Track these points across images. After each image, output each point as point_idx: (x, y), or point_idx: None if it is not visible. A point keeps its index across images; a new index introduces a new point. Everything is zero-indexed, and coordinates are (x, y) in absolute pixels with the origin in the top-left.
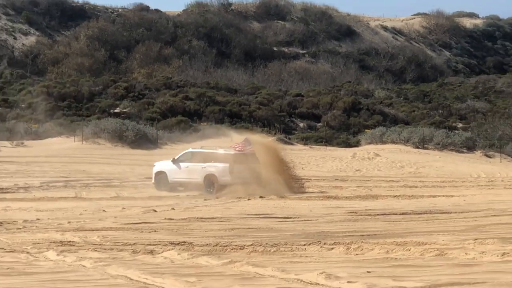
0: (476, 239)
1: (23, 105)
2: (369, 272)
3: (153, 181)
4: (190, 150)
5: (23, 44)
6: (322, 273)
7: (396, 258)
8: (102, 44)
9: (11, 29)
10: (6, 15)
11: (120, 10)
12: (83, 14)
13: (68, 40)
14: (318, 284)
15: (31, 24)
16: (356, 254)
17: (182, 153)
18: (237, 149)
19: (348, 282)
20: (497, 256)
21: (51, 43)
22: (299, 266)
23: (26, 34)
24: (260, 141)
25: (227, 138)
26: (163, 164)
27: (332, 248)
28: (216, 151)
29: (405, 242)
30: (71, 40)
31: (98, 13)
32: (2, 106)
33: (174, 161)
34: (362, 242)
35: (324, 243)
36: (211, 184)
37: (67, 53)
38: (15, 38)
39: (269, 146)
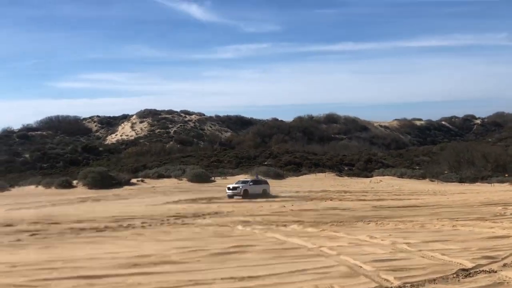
0: (437, 218)
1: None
2: (390, 235)
3: (241, 193)
4: (250, 179)
5: (225, 136)
6: (367, 235)
7: (401, 228)
8: (259, 135)
9: (219, 129)
10: (218, 124)
11: (267, 120)
12: (250, 123)
13: (244, 134)
14: (366, 241)
15: (228, 127)
16: (381, 226)
17: (249, 180)
18: (261, 179)
19: (381, 240)
20: (451, 227)
21: (236, 135)
22: (355, 232)
23: (226, 132)
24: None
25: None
26: (243, 186)
27: (369, 223)
28: (261, 179)
29: (403, 220)
30: (245, 134)
31: (256, 122)
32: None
33: (250, 184)
34: (382, 220)
35: (364, 221)
36: (264, 194)
37: (244, 139)
38: (221, 133)
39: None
